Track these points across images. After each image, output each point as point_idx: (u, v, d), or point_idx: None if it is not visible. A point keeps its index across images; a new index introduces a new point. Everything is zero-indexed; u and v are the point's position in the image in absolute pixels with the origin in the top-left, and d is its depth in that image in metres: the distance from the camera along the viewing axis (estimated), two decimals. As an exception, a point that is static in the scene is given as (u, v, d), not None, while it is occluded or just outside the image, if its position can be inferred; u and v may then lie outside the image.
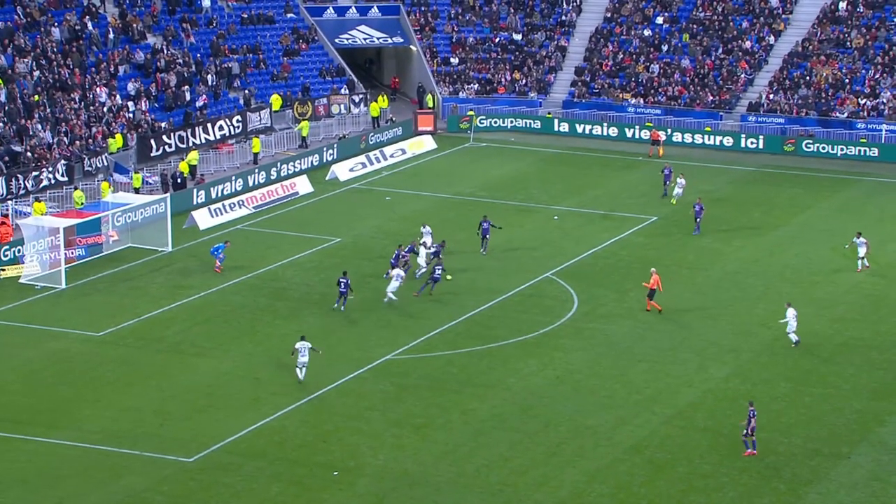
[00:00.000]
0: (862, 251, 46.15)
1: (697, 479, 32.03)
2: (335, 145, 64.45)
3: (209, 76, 66.43)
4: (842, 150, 64.05)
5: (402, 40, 75.79)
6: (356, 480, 32.12)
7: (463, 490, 31.60)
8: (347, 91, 70.33)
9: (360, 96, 70.33)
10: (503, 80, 73.08)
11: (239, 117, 64.66)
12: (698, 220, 50.72)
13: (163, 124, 61.79)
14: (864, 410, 35.03)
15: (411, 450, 33.67)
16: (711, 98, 68.73)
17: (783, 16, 72.38)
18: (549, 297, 44.61)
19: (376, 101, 69.59)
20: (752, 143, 65.57)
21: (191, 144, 61.70)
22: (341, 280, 43.23)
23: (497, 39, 75.59)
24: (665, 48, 72.53)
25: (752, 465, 32.62)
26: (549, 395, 36.92)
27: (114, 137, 58.81)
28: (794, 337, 39.86)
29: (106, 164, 57.56)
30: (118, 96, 61.89)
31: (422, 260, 46.14)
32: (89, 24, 65.15)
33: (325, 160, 62.89)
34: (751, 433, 32.90)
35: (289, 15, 74.17)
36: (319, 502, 31.06)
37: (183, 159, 59.69)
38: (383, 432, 34.66)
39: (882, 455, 32.98)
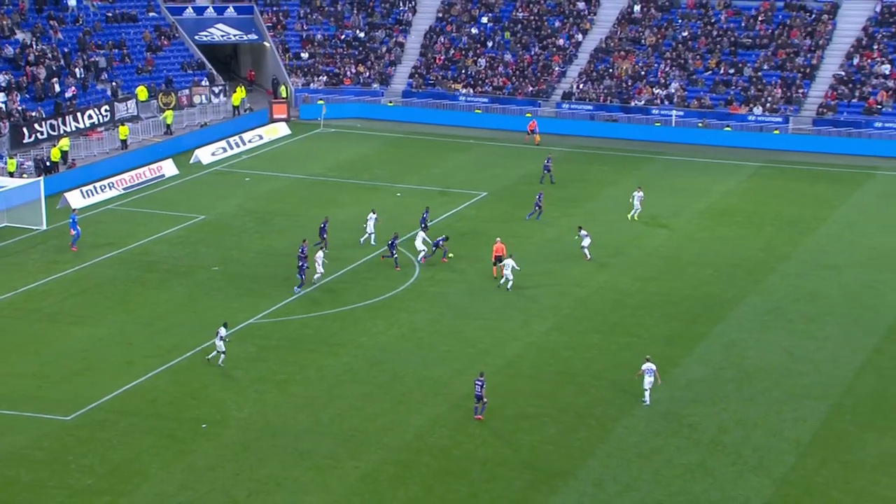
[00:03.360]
0: (586, 242, 44.80)
1: (523, 419, 32.60)
2: (198, 132, 63.12)
3: (77, 69, 64.05)
4: (640, 132, 65.82)
5: (256, 37, 74.59)
6: (223, 432, 31.61)
7: (320, 437, 31.44)
8: (208, 83, 68.90)
9: (220, 88, 69.09)
10: (349, 72, 72.64)
11: (107, 107, 62.56)
12: (539, 206, 49.63)
13: (33, 113, 59.31)
14: (661, 355, 36.14)
15: (273, 403, 33.31)
16: (531, 88, 69.72)
17: (589, 17, 73.85)
18: (393, 265, 44.60)
19: (235, 92, 68.47)
20: (566, 126, 66.67)
21: (62, 132, 59.55)
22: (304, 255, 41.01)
23: (343, 36, 75.07)
24: (490, 44, 73.17)
25: (570, 405, 33.38)
26: (396, 351, 36.99)
27: (-13, 126, 56.19)
28: (508, 284, 41.43)
29: (-20, 150, 54.95)
30: (-10, 88, 59.09)
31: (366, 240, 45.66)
32: (-41, 21, 61.93)
33: (188, 145, 61.43)
34: (481, 399, 32.05)
35: (151, 14, 72.10)
36: (189, 452, 30.47)
37: (55, 145, 57.53)
38: (247, 388, 34.18)
39: (675, 392, 34.14)
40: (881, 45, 67.18)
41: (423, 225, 46.01)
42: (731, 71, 68.22)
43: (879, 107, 64.10)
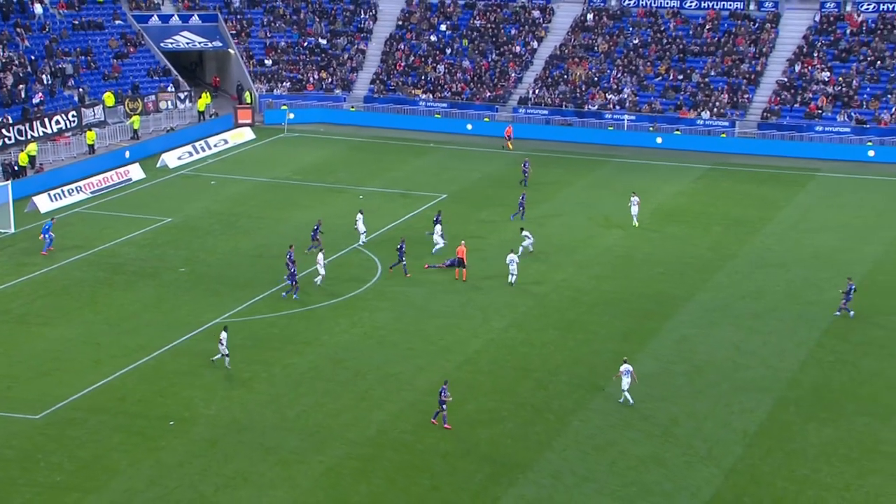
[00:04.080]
0: (526, 242, 45.10)
1: (483, 413, 32.68)
2: (164, 136, 62.57)
3: (44, 76, 63.25)
4: (594, 136, 66.17)
5: (221, 44, 74.08)
6: (191, 429, 31.39)
7: (285, 432, 31.32)
8: (174, 89, 68.33)
9: (185, 93, 68.53)
10: (312, 78, 72.39)
11: (74, 112, 61.82)
12: (522, 207, 49.98)
13: (0, 119, 58.48)
14: (617, 351, 36.39)
15: (239, 400, 33.13)
16: (488, 93, 69.88)
17: (544, 24, 74.18)
18: (356, 266, 44.55)
19: (201, 97, 67.98)
20: (522, 131, 66.85)
21: (30, 137, 58.78)
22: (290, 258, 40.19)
23: (305, 44, 74.79)
24: (449, 51, 73.25)
25: (528, 399, 33.50)
26: (359, 349, 36.93)
27: (-45, 131, 55.33)
28: (512, 278, 41.64)
29: (-51, 155, 54.08)
30: (-42, 94, 58.20)
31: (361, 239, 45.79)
32: (-73, 28, 60.91)
33: (155, 149, 60.90)
34: (442, 408, 31.42)
35: (117, 22, 71.37)
36: (158, 449, 30.23)
37: (23, 150, 56.78)
38: (214, 386, 33.97)
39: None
40: (821, 53, 68.12)
41: (437, 222, 45.89)
42: (680, 77, 68.83)
43: (820, 111, 65.04)
